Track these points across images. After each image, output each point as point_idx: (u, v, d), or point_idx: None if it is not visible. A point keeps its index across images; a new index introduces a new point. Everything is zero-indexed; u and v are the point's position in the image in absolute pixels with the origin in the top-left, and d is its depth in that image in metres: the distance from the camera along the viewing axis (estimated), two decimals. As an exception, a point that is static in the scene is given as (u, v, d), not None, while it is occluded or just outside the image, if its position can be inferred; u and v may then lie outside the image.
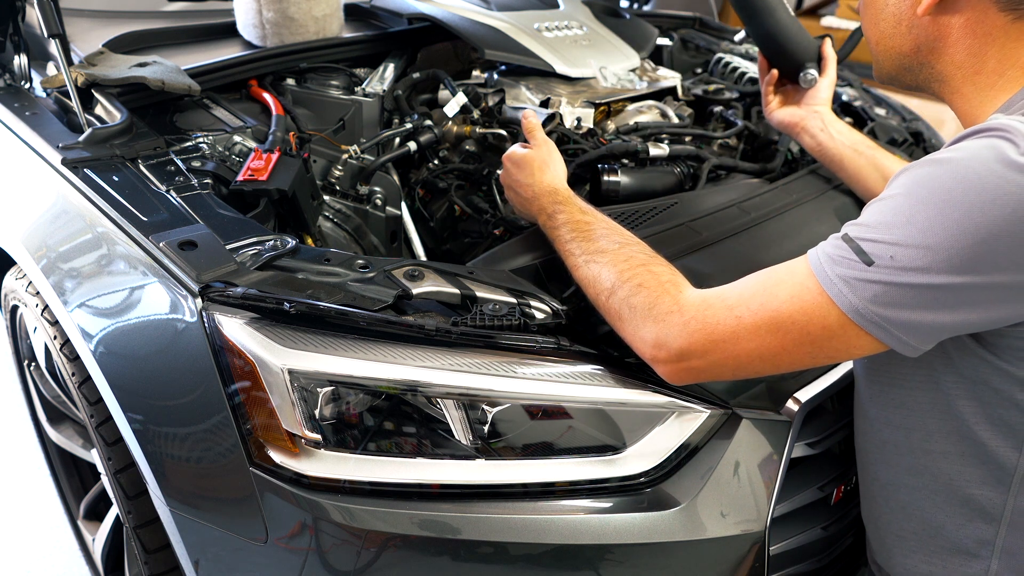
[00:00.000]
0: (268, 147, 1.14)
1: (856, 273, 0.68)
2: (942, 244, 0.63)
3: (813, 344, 0.72)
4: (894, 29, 0.82)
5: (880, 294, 0.67)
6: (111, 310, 0.95)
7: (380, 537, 0.83)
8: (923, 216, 0.64)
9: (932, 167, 0.66)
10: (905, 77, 0.85)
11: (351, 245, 1.29)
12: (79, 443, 1.46)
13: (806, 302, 0.71)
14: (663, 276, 0.82)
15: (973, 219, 0.62)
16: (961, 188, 0.63)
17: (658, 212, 1.18)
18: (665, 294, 0.80)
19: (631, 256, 0.86)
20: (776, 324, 0.73)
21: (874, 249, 0.67)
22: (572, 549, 0.86)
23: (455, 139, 1.43)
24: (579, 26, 1.81)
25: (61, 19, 1.16)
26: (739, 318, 0.74)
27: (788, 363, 0.75)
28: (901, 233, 0.65)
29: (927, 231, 0.64)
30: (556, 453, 0.88)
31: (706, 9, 2.91)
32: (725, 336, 0.75)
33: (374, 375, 0.82)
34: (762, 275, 0.77)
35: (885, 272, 0.66)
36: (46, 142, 1.10)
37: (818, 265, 0.71)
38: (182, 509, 0.91)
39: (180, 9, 1.82)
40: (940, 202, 0.64)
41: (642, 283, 0.82)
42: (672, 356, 0.78)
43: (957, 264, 0.63)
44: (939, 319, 0.67)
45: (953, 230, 0.63)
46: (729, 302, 0.76)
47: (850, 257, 0.68)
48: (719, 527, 0.89)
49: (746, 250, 1.07)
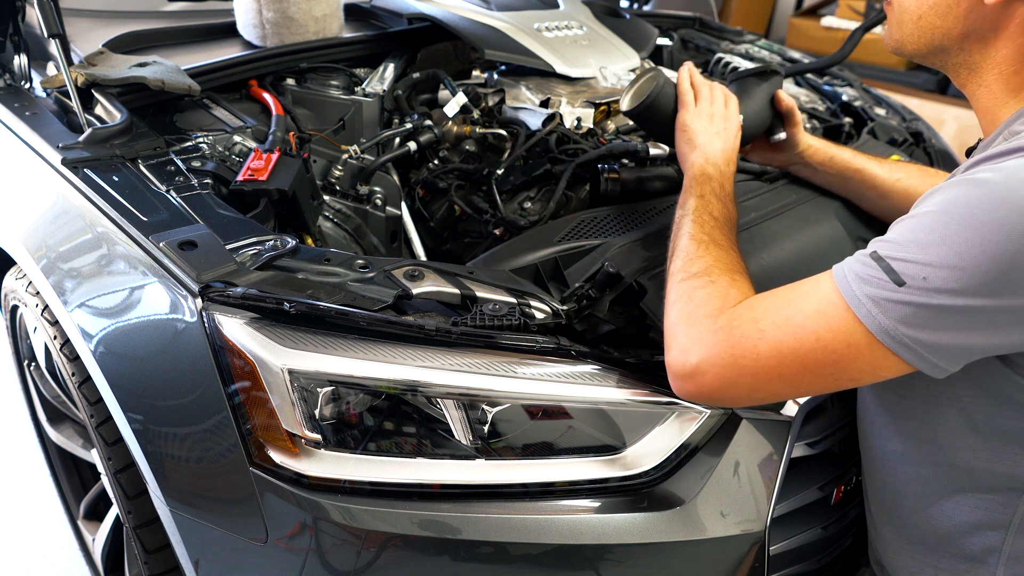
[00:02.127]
0: (268, 147, 1.14)
1: (886, 293, 0.65)
2: (979, 266, 0.61)
3: (837, 365, 0.70)
4: (949, 9, 0.76)
5: (911, 315, 0.65)
6: (111, 310, 0.95)
7: (380, 537, 0.83)
8: (960, 237, 0.62)
9: (971, 187, 0.64)
10: (933, 57, 0.81)
11: (351, 245, 1.29)
12: (79, 443, 1.46)
13: (832, 319, 0.69)
14: (737, 285, 0.80)
15: (1014, 242, 0.60)
16: (1003, 210, 0.61)
17: (658, 212, 1.18)
18: (720, 298, 0.78)
19: (733, 264, 0.84)
20: (799, 341, 0.70)
21: (905, 269, 0.65)
22: (572, 549, 0.86)
23: (455, 139, 1.43)
24: (579, 26, 1.81)
25: (61, 19, 1.16)
26: (762, 331, 0.72)
27: (809, 384, 0.73)
28: (935, 253, 0.63)
29: (964, 253, 0.62)
30: (556, 453, 0.88)
31: (706, 9, 2.91)
32: (744, 351, 0.72)
33: (374, 375, 0.82)
34: (788, 288, 0.75)
35: (917, 293, 0.64)
36: (46, 142, 1.10)
37: (845, 283, 0.69)
38: (182, 509, 0.91)
39: (180, 9, 1.82)
40: (979, 223, 0.61)
41: (715, 281, 0.81)
42: (688, 369, 0.76)
43: (994, 287, 0.61)
44: (972, 342, 0.65)
45: (992, 252, 0.61)
46: (756, 313, 0.74)
47: (880, 276, 0.66)
48: (719, 527, 0.89)
49: (746, 250, 1.06)
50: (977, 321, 0.63)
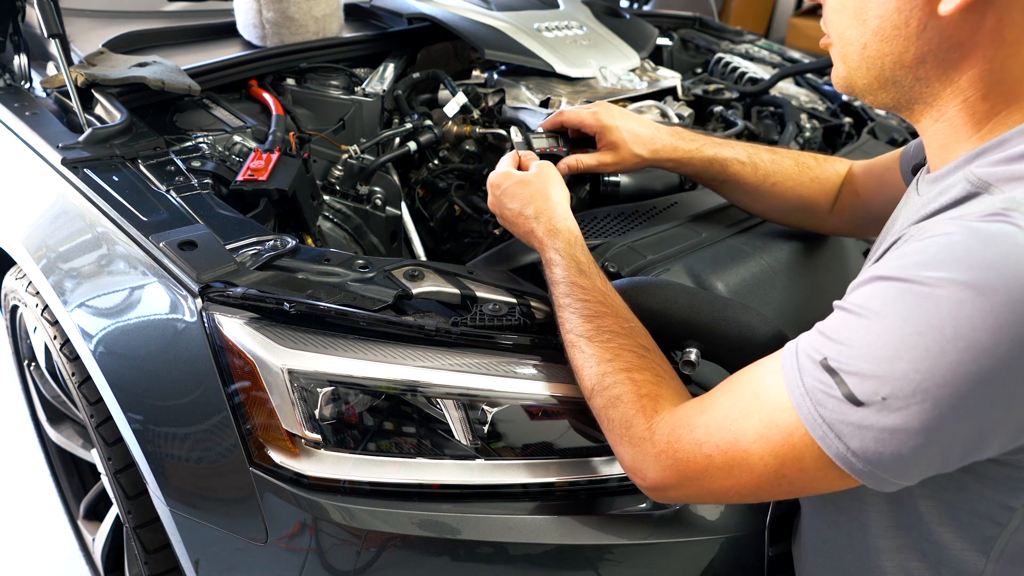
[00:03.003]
0: (268, 147, 1.14)
1: (843, 416, 0.57)
2: (942, 385, 0.53)
3: (792, 484, 0.63)
4: (896, 31, 0.63)
5: (871, 440, 0.56)
6: (111, 310, 0.95)
7: (380, 537, 0.83)
8: (916, 352, 0.53)
9: (923, 289, 0.54)
10: (883, 93, 0.69)
11: (351, 245, 1.29)
12: (79, 443, 1.46)
13: (777, 444, 0.61)
14: (643, 388, 0.73)
15: (979, 358, 0.52)
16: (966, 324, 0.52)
17: (658, 212, 1.18)
18: (639, 414, 0.71)
19: (618, 355, 0.76)
20: (748, 467, 0.64)
21: (861, 387, 0.56)
22: (572, 549, 0.86)
23: (455, 139, 1.43)
24: (579, 26, 1.81)
25: (61, 19, 1.16)
26: (709, 456, 0.66)
27: (771, 497, 0.67)
28: (889, 368, 0.54)
29: (924, 372, 0.53)
30: (556, 453, 0.88)
31: (706, 9, 2.91)
32: (697, 473, 0.67)
33: (374, 375, 0.82)
34: (729, 397, 0.67)
35: (876, 415, 0.55)
36: (46, 142, 1.10)
37: (800, 398, 0.60)
38: (182, 509, 0.91)
39: (180, 9, 1.82)
40: (939, 338, 0.52)
41: (620, 396, 0.73)
42: (649, 485, 0.71)
43: (961, 408, 0.53)
44: (939, 460, 0.58)
45: (957, 369, 0.52)
46: (697, 435, 0.67)
47: (835, 394, 0.57)
48: (719, 527, 0.89)
49: (746, 250, 1.07)
50: (947, 438, 0.55)
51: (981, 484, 0.64)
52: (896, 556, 0.73)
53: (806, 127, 1.68)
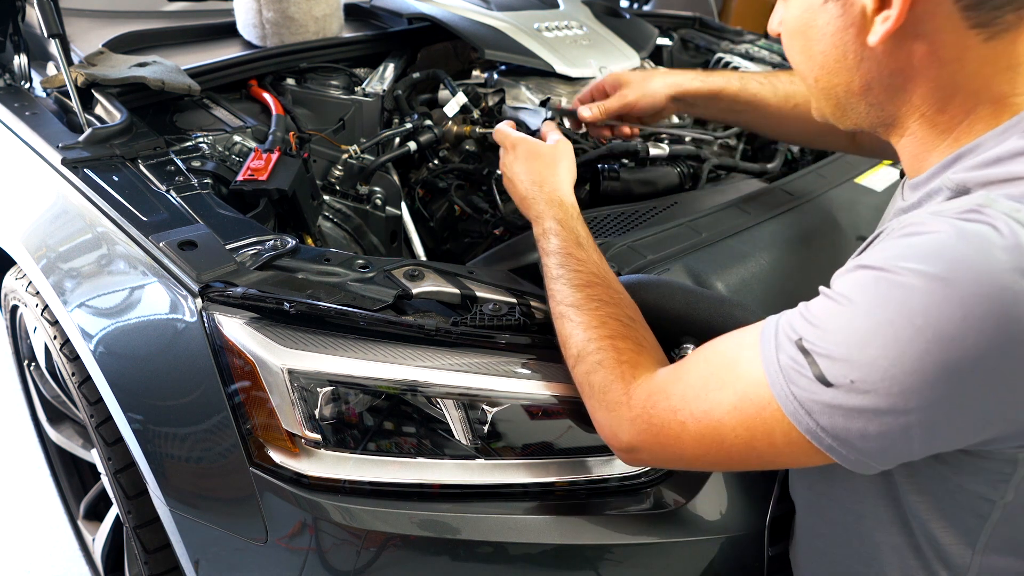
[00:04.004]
0: (268, 147, 1.14)
1: (813, 395, 0.59)
2: (913, 371, 0.54)
3: (761, 458, 0.65)
4: (838, 63, 0.67)
5: (839, 418, 0.58)
6: (111, 310, 0.95)
7: (380, 537, 0.83)
8: (890, 338, 0.55)
9: (906, 279, 0.55)
10: (846, 119, 0.72)
11: (351, 245, 1.29)
12: (79, 443, 1.46)
13: (749, 417, 0.63)
14: (624, 355, 0.75)
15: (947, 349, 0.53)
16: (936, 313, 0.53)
17: (658, 212, 1.18)
18: (619, 380, 0.73)
19: (604, 323, 0.78)
20: (720, 436, 0.66)
21: (832, 369, 0.57)
22: (572, 549, 0.86)
23: (455, 139, 1.43)
24: (579, 26, 1.81)
25: (61, 19, 1.16)
26: (683, 423, 0.67)
27: (738, 467, 0.70)
28: (860, 354, 0.56)
29: (894, 356, 0.55)
30: (556, 453, 0.88)
31: (706, 9, 2.91)
32: (670, 440, 0.69)
33: (374, 375, 0.82)
34: (707, 367, 0.68)
35: (846, 396, 0.57)
36: (46, 142, 1.10)
37: (774, 374, 0.62)
38: (182, 509, 0.91)
39: (180, 9, 1.82)
40: (911, 327, 0.54)
41: (602, 361, 0.75)
42: (623, 448, 0.74)
43: (928, 396, 0.55)
44: (906, 443, 0.59)
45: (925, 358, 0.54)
46: (673, 402, 0.68)
47: (807, 374, 0.59)
48: (719, 527, 0.89)
49: (746, 250, 1.07)
50: (912, 423, 0.57)
51: (959, 476, 0.65)
52: (893, 553, 0.74)
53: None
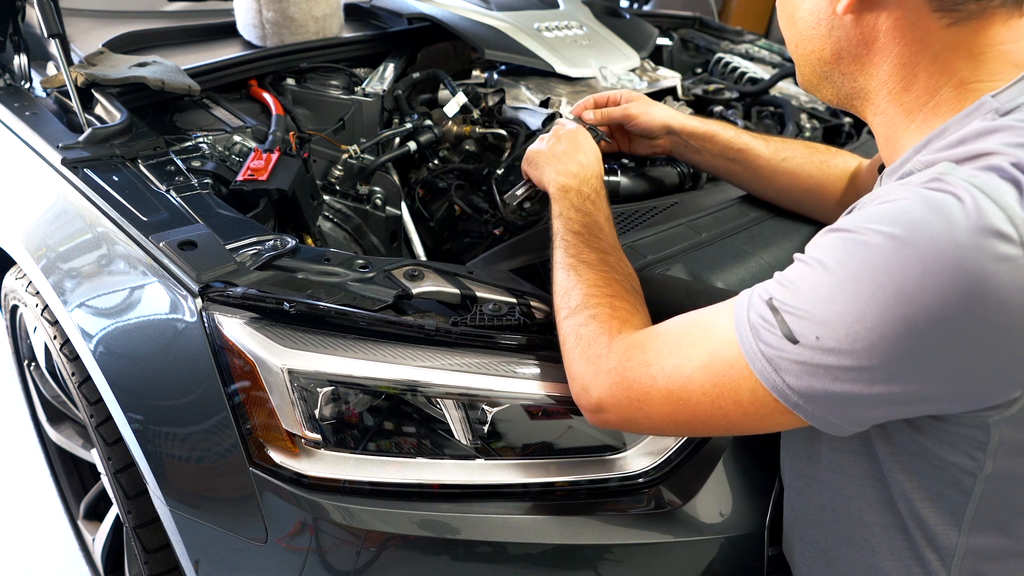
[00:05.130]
0: (268, 147, 1.14)
1: (780, 352, 0.61)
2: (874, 328, 0.56)
3: (726, 419, 0.66)
4: (812, 30, 0.71)
5: (805, 375, 0.60)
6: (111, 310, 0.95)
7: (380, 537, 0.83)
8: (853, 296, 0.56)
9: (870, 239, 0.57)
10: (825, 88, 0.76)
11: (351, 245, 1.29)
12: (79, 443, 1.46)
13: (717, 374, 0.65)
14: (618, 312, 0.77)
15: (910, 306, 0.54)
16: (898, 270, 0.55)
17: (658, 212, 1.18)
18: (605, 333, 0.75)
19: (609, 283, 0.81)
20: (687, 394, 0.67)
21: (798, 326, 0.59)
22: (572, 549, 0.86)
23: (455, 139, 1.43)
24: (579, 26, 1.81)
25: (61, 19, 1.16)
26: (653, 378, 0.68)
27: (702, 431, 0.70)
28: (827, 311, 0.58)
29: (857, 314, 0.56)
30: (556, 453, 0.88)
31: (706, 9, 2.91)
32: (639, 395, 0.70)
33: (374, 375, 0.82)
34: (683, 327, 0.70)
35: (811, 353, 0.59)
36: (46, 142, 1.10)
37: (744, 332, 0.63)
38: (182, 509, 0.91)
39: (180, 9, 1.82)
40: (873, 283, 0.56)
41: (596, 315, 0.77)
42: (591, 405, 0.75)
43: (888, 349, 0.56)
44: (872, 402, 0.60)
45: (886, 314, 0.55)
46: (648, 356, 0.70)
47: (775, 331, 0.61)
48: (719, 527, 0.89)
49: (746, 250, 1.07)
50: (875, 380, 0.58)
51: (937, 447, 0.66)
52: (883, 534, 0.74)
53: (806, 127, 1.68)
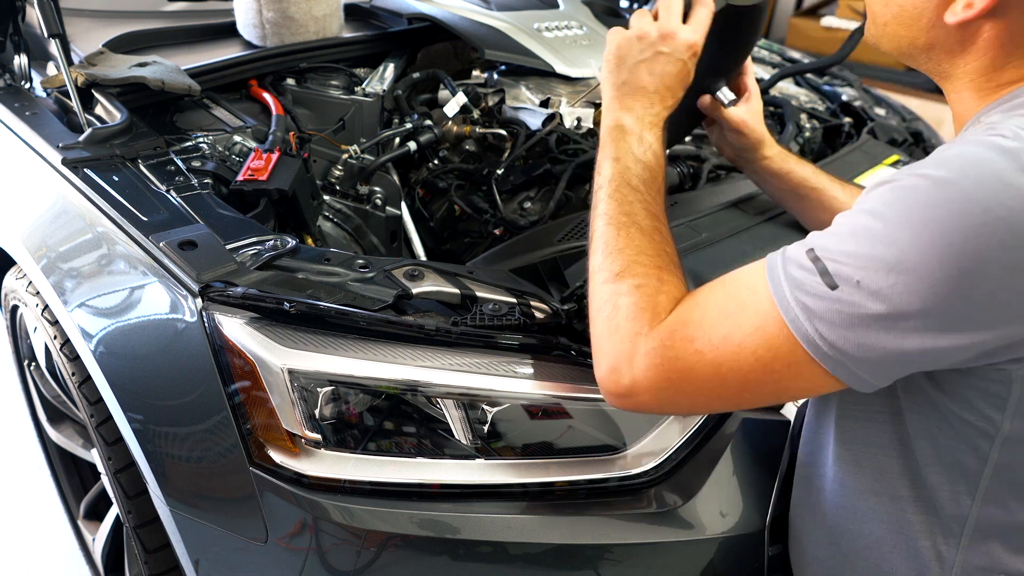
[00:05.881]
0: (268, 147, 1.14)
1: (817, 300, 0.60)
2: (916, 269, 0.56)
3: (778, 384, 0.65)
4: (912, 21, 0.72)
5: (839, 321, 0.59)
6: (111, 310, 0.95)
7: (380, 537, 0.83)
8: (897, 236, 0.57)
9: (914, 181, 0.59)
10: (905, 60, 0.77)
11: (351, 245, 1.29)
12: (79, 443, 1.46)
13: (771, 336, 0.63)
14: (665, 286, 0.73)
15: (953, 248, 0.55)
16: (943, 211, 0.56)
17: (658, 212, 1.17)
18: (649, 309, 0.70)
19: (659, 254, 0.76)
20: (739, 361, 0.65)
21: (839, 270, 0.59)
22: (572, 549, 0.86)
23: (455, 139, 1.43)
24: (579, 26, 1.81)
25: (61, 19, 1.16)
26: (700, 352, 0.66)
27: (748, 402, 0.69)
28: (869, 253, 0.58)
29: (899, 254, 0.57)
30: (556, 453, 0.88)
31: (706, 9, 2.90)
32: (681, 375, 0.67)
33: (374, 375, 0.82)
34: (724, 291, 0.68)
35: (848, 298, 0.59)
36: (46, 142, 1.10)
37: (778, 285, 0.63)
38: (182, 509, 0.91)
39: (180, 9, 1.82)
40: (919, 223, 0.56)
41: (641, 285, 0.72)
42: (621, 389, 0.70)
43: (928, 292, 0.56)
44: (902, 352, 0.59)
45: (929, 255, 0.56)
46: (690, 330, 0.67)
47: (814, 279, 0.61)
48: (719, 527, 0.89)
49: (746, 250, 1.07)
50: (908, 330, 0.58)
51: (957, 407, 0.66)
52: (893, 505, 0.74)
53: (806, 127, 1.68)
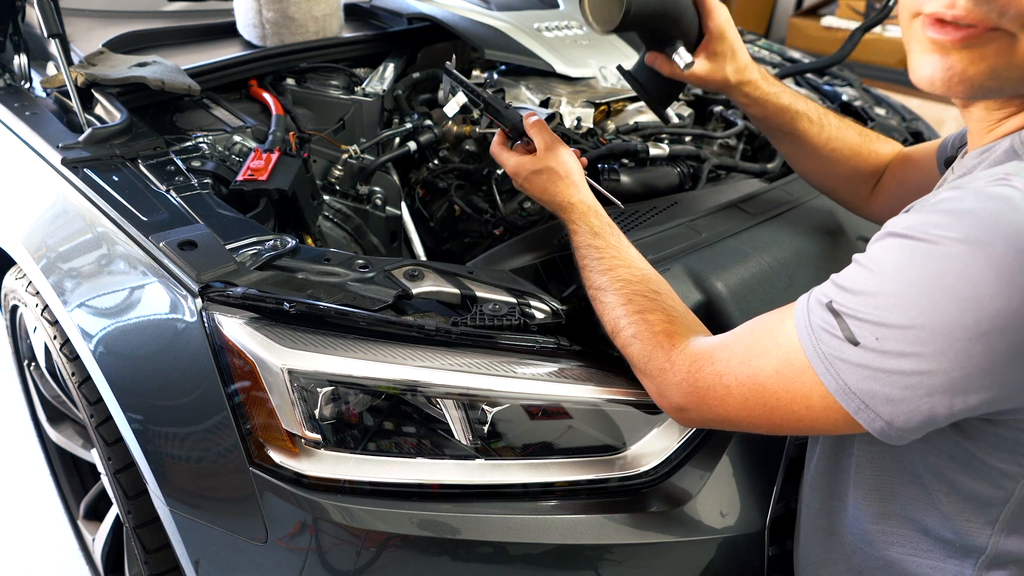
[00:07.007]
0: (268, 147, 1.14)
1: (842, 353, 0.62)
2: (934, 330, 0.56)
3: (800, 422, 0.68)
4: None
5: (866, 378, 0.60)
6: (111, 310, 0.95)
7: (380, 537, 0.83)
8: (913, 298, 0.57)
9: (924, 243, 0.58)
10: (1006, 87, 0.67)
11: (351, 245, 1.29)
12: (79, 443, 1.46)
13: (791, 381, 0.66)
14: (656, 326, 0.80)
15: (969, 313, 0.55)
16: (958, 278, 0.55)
17: (658, 212, 1.18)
18: (657, 348, 0.78)
19: (630, 300, 0.84)
20: (763, 399, 0.69)
21: (859, 328, 0.60)
22: (572, 549, 0.86)
23: (455, 139, 1.43)
24: (579, 26, 1.81)
25: (61, 19, 1.16)
26: (728, 387, 0.71)
27: (781, 431, 0.72)
28: (887, 313, 0.59)
29: (917, 316, 0.57)
30: (556, 453, 0.88)
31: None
32: (716, 401, 0.73)
33: (374, 375, 0.82)
34: (750, 335, 0.72)
35: (871, 355, 0.60)
36: (46, 142, 1.10)
37: (808, 334, 0.65)
38: (182, 509, 0.91)
39: (180, 9, 1.82)
40: (934, 289, 0.56)
41: (636, 334, 0.81)
42: (673, 408, 0.78)
43: (949, 353, 0.56)
44: (930, 408, 0.59)
45: (946, 319, 0.56)
46: (717, 367, 0.72)
47: (836, 334, 0.62)
48: (719, 527, 0.89)
49: (746, 250, 1.07)
50: (934, 387, 0.58)
51: (982, 452, 0.66)
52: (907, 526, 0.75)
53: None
